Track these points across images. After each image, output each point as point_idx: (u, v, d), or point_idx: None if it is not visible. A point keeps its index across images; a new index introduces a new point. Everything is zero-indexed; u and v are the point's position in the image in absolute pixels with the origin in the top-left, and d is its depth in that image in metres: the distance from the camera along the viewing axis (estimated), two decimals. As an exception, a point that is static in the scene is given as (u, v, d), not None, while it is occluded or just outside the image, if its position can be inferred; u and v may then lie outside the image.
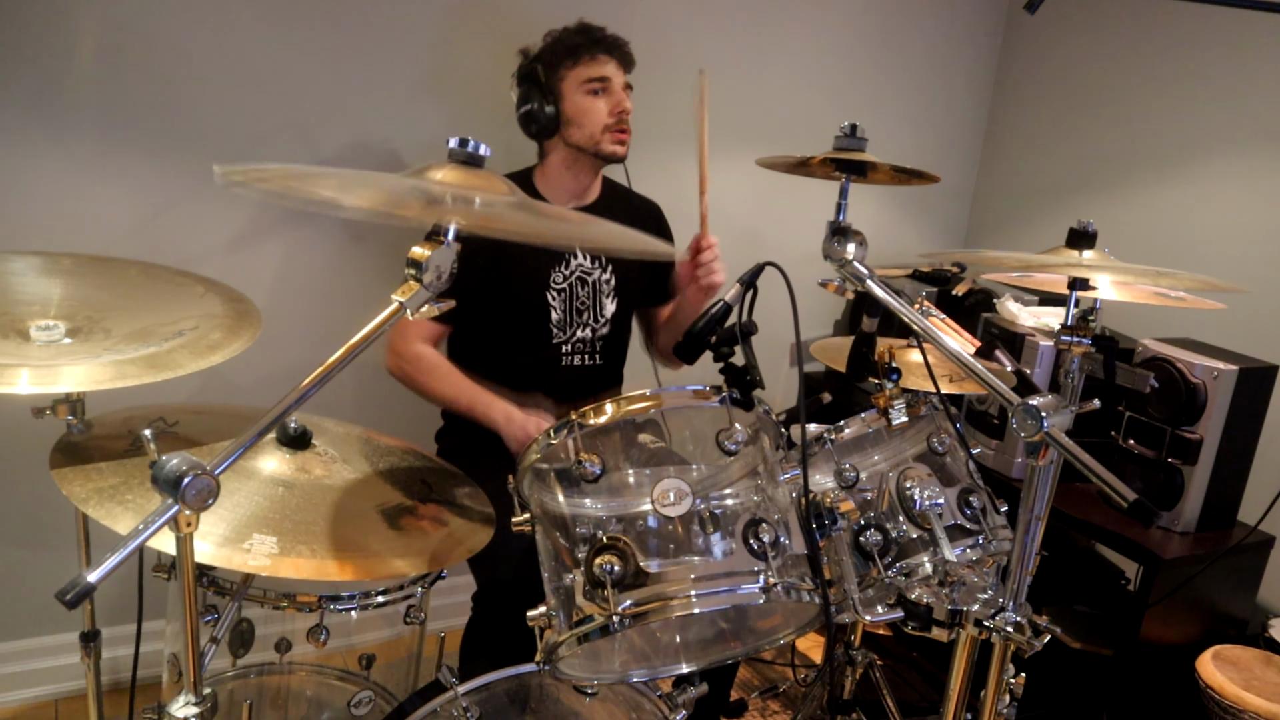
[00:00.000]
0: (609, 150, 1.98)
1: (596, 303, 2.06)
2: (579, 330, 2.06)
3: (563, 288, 2.02)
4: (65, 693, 2.19)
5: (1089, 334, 1.35)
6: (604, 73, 1.95)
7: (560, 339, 2.04)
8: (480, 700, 1.36)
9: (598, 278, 2.06)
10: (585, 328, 2.07)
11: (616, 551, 1.10)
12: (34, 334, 1.31)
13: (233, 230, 2.14)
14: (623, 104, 1.97)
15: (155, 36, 1.97)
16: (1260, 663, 2.04)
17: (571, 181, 2.05)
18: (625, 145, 2.00)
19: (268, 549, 1.18)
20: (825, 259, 1.27)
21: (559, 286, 2.02)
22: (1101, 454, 1.69)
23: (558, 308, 2.02)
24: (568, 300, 2.03)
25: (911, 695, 2.40)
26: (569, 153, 2.01)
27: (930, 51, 2.99)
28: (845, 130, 1.36)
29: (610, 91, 1.96)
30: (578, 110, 1.96)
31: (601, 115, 1.95)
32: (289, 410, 0.99)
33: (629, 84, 2.01)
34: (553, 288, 2.01)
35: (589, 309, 2.06)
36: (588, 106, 1.95)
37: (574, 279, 2.03)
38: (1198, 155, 2.53)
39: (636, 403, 1.19)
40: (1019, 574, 1.14)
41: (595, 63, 1.94)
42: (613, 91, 1.96)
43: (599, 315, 2.07)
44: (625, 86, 2.00)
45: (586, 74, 1.94)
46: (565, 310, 2.03)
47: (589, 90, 1.95)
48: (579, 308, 2.05)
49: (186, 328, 1.36)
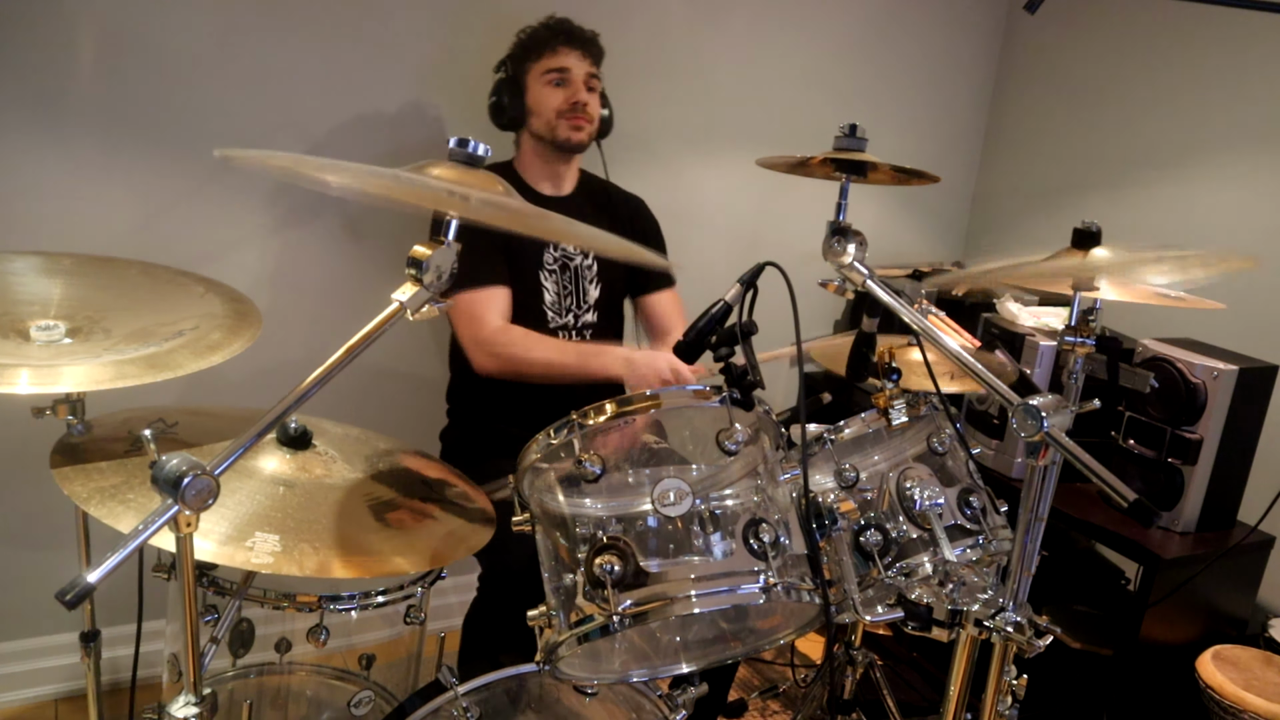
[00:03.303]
0: (564, 136, 2.01)
1: (579, 288, 2.09)
2: (569, 315, 2.08)
3: (553, 269, 2.06)
4: (65, 693, 2.19)
5: (1091, 334, 1.35)
6: (564, 64, 1.99)
7: (556, 323, 2.06)
8: (480, 700, 1.36)
9: (580, 263, 2.09)
10: (571, 313, 2.09)
11: (616, 551, 1.10)
12: (34, 334, 1.31)
13: (233, 230, 2.14)
14: (577, 94, 2.00)
15: (156, 37, 1.97)
16: (1260, 663, 2.04)
17: (544, 167, 2.09)
18: (583, 131, 2.02)
19: (270, 547, 1.18)
20: (825, 259, 1.27)
21: (550, 267, 2.06)
22: (1101, 454, 1.68)
23: (550, 289, 2.05)
24: (558, 282, 2.07)
25: (911, 695, 2.40)
26: (536, 143, 2.06)
27: (930, 51, 2.99)
28: (845, 130, 1.36)
29: (569, 82, 2.00)
30: (536, 100, 2.02)
31: (556, 102, 2.00)
32: (289, 411, 0.99)
33: (595, 75, 2.04)
34: (545, 268, 2.05)
35: (573, 294, 2.09)
36: (545, 96, 2.01)
37: (559, 263, 2.07)
38: (1198, 155, 2.53)
39: (636, 403, 1.19)
40: (1019, 574, 1.14)
41: (556, 55, 2.00)
42: (571, 82, 2.00)
43: (582, 300, 2.10)
44: (590, 77, 2.03)
45: (547, 65, 2.00)
46: (558, 293, 2.07)
47: (548, 81, 2.00)
48: (564, 292, 2.08)
49: (186, 328, 1.36)
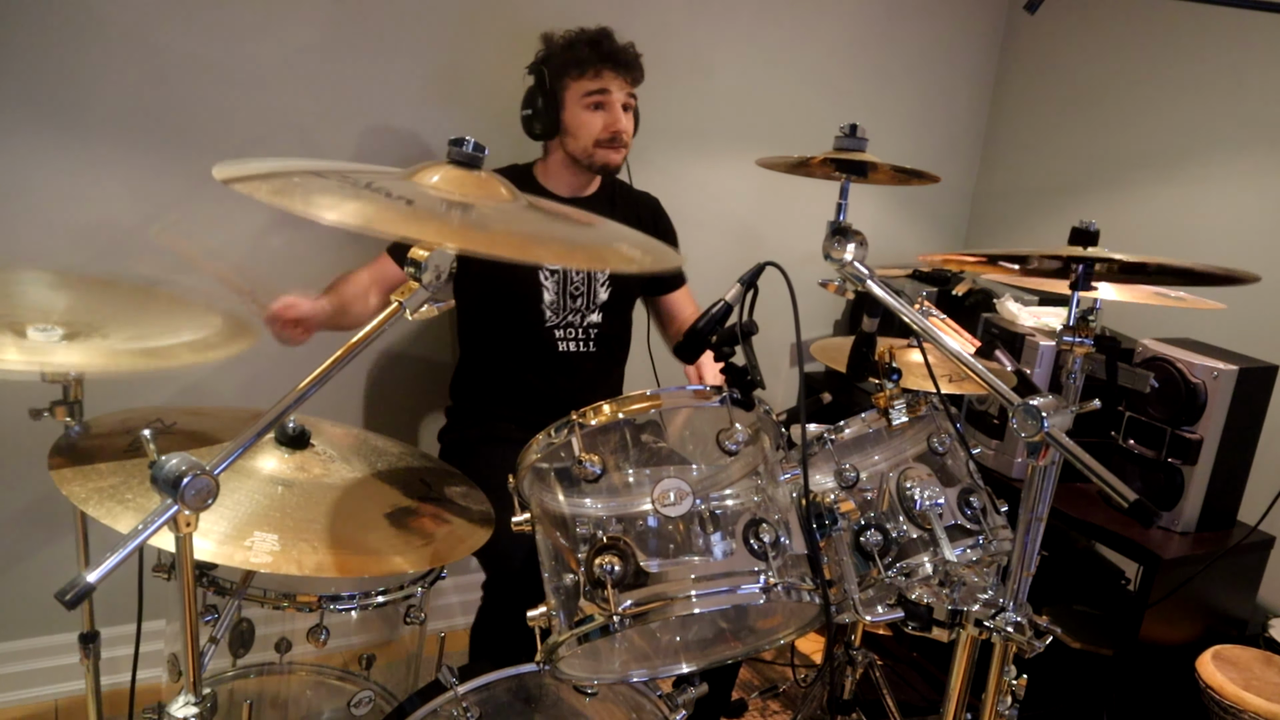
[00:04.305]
0: (601, 163, 2.00)
1: (590, 289, 2.07)
2: (571, 315, 2.06)
3: (556, 269, 2.04)
4: (65, 693, 2.18)
5: (1090, 334, 1.35)
6: (604, 87, 1.95)
7: (554, 322, 2.04)
8: (480, 700, 1.36)
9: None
10: (577, 313, 2.07)
11: (617, 551, 1.09)
12: (30, 334, 1.31)
13: (233, 230, 2.14)
14: (617, 123, 1.97)
15: (156, 37, 1.96)
16: (1260, 663, 2.04)
17: (571, 178, 2.07)
18: (620, 156, 2.01)
19: (269, 546, 1.18)
20: (825, 259, 1.27)
21: (553, 267, 2.03)
22: (1101, 454, 1.69)
23: (550, 289, 2.03)
24: (561, 283, 2.04)
25: (911, 695, 2.40)
26: (568, 158, 2.03)
27: (930, 52, 2.99)
28: (845, 130, 1.36)
29: (609, 107, 1.97)
30: (575, 122, 1.98)
31: (595, 130, 1.96)
32: (288, 410, 0.98)
33: (633, 96, 2.01)
34: (545, 267, 2.03)
35: (583, 294, 2.07)
36: (585, 120, 1.96)
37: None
38: (1198, 155, 2.53)
39: (636, 403, 1.19)
40: (1019, 574, 1.14)
41: (597, 78, 1.95)
42: (610, 107, 1.97)
43: (592, 301, 2.08)
44: (630, 98, 2.00)
45: (587, 87, 1.95)
46: (558, 293, 2.04)
47: (588, 104, 1.96)
48: (573, 292, 2.06)
49: (186, 337, 1.36)
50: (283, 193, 0.95)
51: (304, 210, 0.90)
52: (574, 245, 1.15)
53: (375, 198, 0.96)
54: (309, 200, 0.94)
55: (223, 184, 0.97)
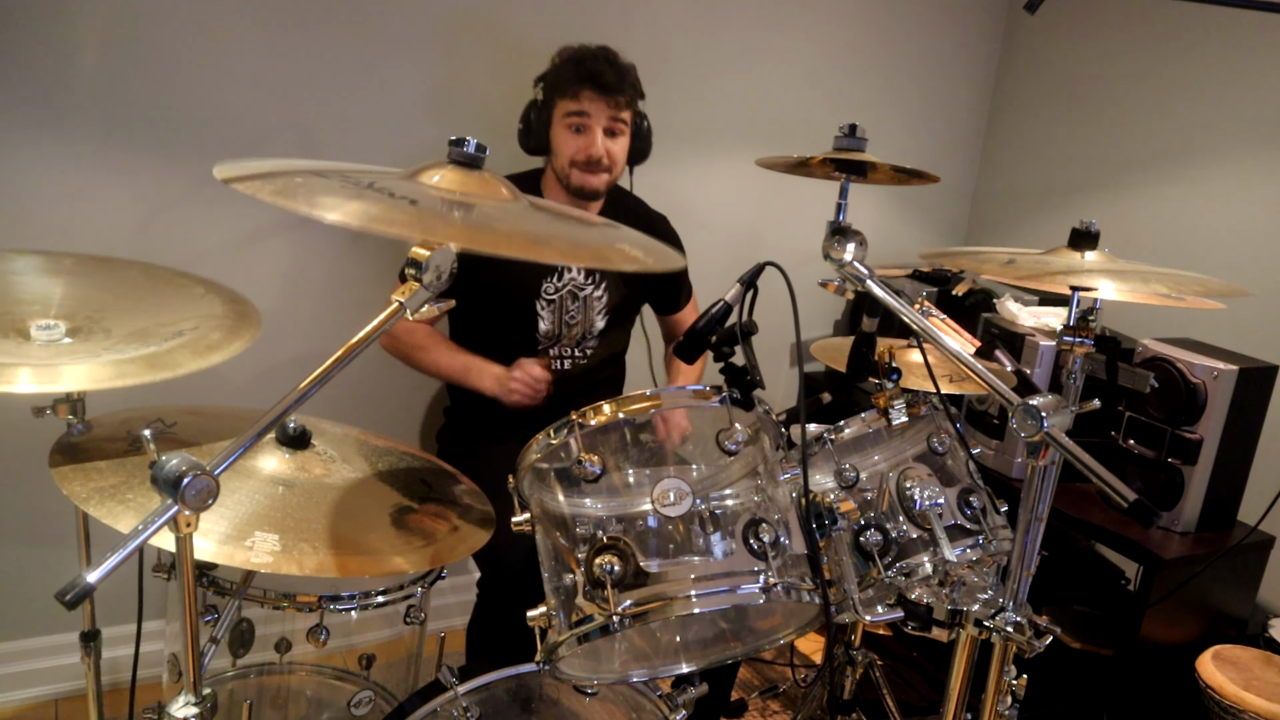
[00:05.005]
0: (577, 185, 1.94)
1: (587, 319, 2.05)
2: (567, 345, 2.05)
3: (554, 299, 2.01)
4: (65, 693, 2.19)
5: (1090, 334, 1.35)
6: (583, 109, 1.90)
7: (553, 353, 2.03)
8: (480, 700, 1.36)
9: (590, 293, 2.04)
10: (574, 344, 2.06)
11: (617, 551, 1.10)
12: (34, 333, 1.31)
13: (233, 230, 2.14)
14: (590, 147, 1.91)
15: (157, 38, 1.96)
16: (1260, 663, 2.04)
17: (566, 196, 1.99)
18: (598, 180, 1.94)
19: (269, 546, 1.19)
20: (825, 259, 1.27)
21: (549, 297, 2.00)
22: (1101, 454, 1.69)
23: (546, 318, 2.01)
24: (557, 313, 2.02)
25: (911, 695, 2.40)
26: (556, 177, 1.99)
27: (930, 52, 2.99)
28: (845, 130, 1.36)
29: (586, 130, 1.91)
30: (558, 141, 1.95)
31: (570, 151, 1.92)
32: (288, 411, 0.98)
33: (619, 119, 1.93)
34: (543, 297, 2.00)
35: (579, 323, 2.05)
36: (564, 140, 1.93)
37: (565, 292, 2.02)
38: (1198, 155, 2.53)
39: (636, 403, 1.19)
40: (1019, 574, 1.14)
41: (576, 99, 1.90)
42: (588, 130, 1.91)
43: (589, 332, 2.07)
44: (616, 122, 1.92)
45: (568, 108, 1.91)
46: (554, 322, 2.02)
47: (569, 125, 1.92)
48: (569, 321, 2.03)
49: (186, 328, 1.36)
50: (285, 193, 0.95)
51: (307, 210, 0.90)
52: (577, 244, 1.15)
53: (378, 197, 0.96)
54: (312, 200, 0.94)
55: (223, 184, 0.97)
